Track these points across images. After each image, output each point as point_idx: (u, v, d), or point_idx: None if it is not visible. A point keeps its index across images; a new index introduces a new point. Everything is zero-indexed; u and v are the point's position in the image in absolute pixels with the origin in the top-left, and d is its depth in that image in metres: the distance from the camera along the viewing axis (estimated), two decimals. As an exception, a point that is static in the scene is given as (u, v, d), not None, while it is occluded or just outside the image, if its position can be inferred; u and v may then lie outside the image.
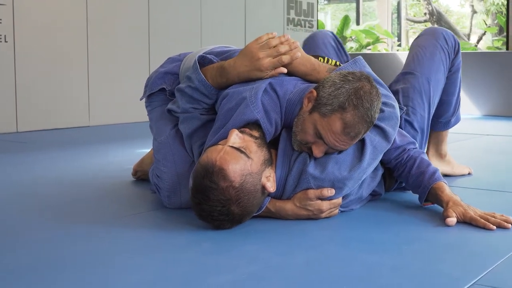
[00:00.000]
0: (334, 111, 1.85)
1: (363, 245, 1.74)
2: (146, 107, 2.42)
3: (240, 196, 1.77)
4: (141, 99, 2.45)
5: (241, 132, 1.90)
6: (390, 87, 2.45)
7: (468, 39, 16.75)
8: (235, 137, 1.85)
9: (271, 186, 1.87)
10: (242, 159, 1.79)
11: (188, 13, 6.15)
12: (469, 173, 2.85)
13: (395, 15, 16.46)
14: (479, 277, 1.47)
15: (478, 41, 16.30)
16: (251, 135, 1.90)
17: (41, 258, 1.64)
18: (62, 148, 4.05)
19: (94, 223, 2.01)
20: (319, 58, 2.15)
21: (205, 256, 1.66)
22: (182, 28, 6.09)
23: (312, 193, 1.93)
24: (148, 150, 3.78)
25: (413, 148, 2.16)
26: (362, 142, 1.96)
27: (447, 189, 2.02)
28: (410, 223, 1.98)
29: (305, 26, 7.43)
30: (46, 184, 2.71)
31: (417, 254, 1.67)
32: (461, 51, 2.64)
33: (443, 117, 2.69)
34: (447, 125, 2.74)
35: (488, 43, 15.64)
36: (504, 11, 15.42)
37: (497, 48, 12.37)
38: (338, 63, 2.14)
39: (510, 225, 1.85)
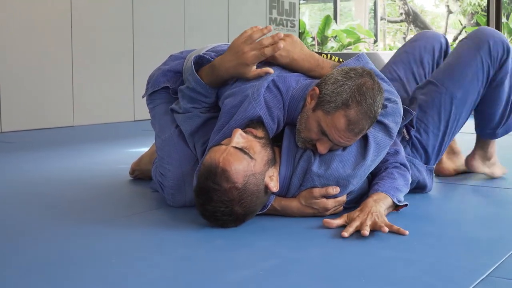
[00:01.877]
0: (338, 108, 1.87)
1: (373, 240, 1.76)
2: (148, 104, 2.42)
3: (243, 197, 1.79)
4: (143, 97, 2.45)
5: (245, 132, 1.91)
6: (414, 90, 2.43)
7: (444, 39, 16.93)
8: (239, 137, 1.86)
9: (274, 186, 1.88)
10: (245, 159, 1.80)
11: (172, 12, 6.14)
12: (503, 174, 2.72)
13: (371, 14, 16.58)
14: (492, 269, 1.51)
15: (454, 41, 16.49)
16: (255, 136, 1.91)
17: (54, 257, 1.64)
18: (49, 148, 4.02)
19: (99, 223, 2.00)
20: (322, 54, 2.17)
21: (220, 253, 1.67)
22: (166, 27, 6.08)
23: (317, 191, 1.94)
24: (141, 149, 3.80)
25: (393, 162, 2.10)
26: (366, 139, 1.96)
27: (376, 198, 1.92)
28: (416, 219, 2.01)
29: (287, 26, 7.46)
30: (41, 184, 2.70)
31: (427, 248, 1.70)
32: None
33: (486, 127, 2.53)
34: (493, 135, 2.56)
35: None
36: (480, 11, 15.65)
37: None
38: (341, 59, 2.15)
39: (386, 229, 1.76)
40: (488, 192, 2.50)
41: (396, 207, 2.01)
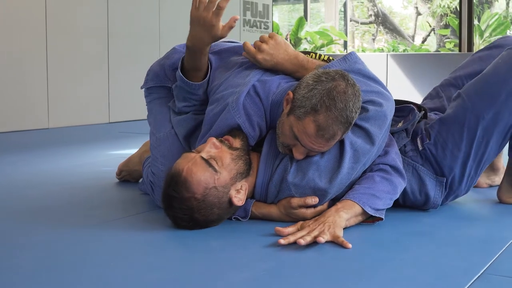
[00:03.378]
0: (307, 113, 1.82)
1: (368, 241, 1.79)
2: (146, 97, 2.41)
3: (202, 207, 1.82)
4: (141, 88, 2.43)
5: (221, 141, 1.92)
6: (445, 89, 2.31)
7: (413, 40, 17.15)
8: (211, 147, 1.88)
9: (239, 200, 1.88)
10: (208, 172, 1.82)
11: (146, 15, 6.12)
12: None
13: (340, 16, 16.70)
14: (486, 267, 1.55)
15: (422, 42, 16.70)
16: (230, 146, 1.91)
17: (50, 260, 1.63)
18: (27, 150, 3.96)
19: (92, 225, 1.99)
20: (311, 54, 2.14)
21: (217, 254, 1.68)
22: (141, 30, 6.06)
23: (295, 202, 1.90)
24: (121, 152, 3.79)
25: (380, 163, 1.98)
26: (343, 146, 1.89)
27: (340, 207, 1.85)
28: (407, 219, 2.03)
29: (260, 28, 7.49)
30: (25, 188, 2.67)
31: (420, 248, 1.74)
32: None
33: None
34: None
35: (432, 44, 16.05)
36: (449, 13, 15.88)
37: (450, 49, 12.72)
38: (331, 58, 2.11)
39: (302, 241, 1.69)
40: (478, 191, 2.50)
41: (371, 216, 1.90)
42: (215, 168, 1.83)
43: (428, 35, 17.08)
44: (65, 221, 2.05)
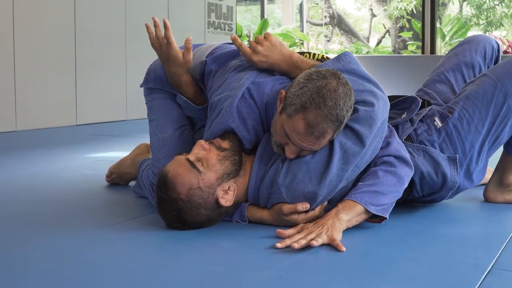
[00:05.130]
0: (297, 111, 1.83)
1: (373, 240, 1.86)
2: (145, 95, 2.43)
3: (188, 207, 1.87)
4: (141, 86, 2.44)
5: (210, 143, 1.97)
6: (465, 85, 2.26)
7: (368, 41, 17.39)
8: (200, 149, 1.94)
9: (226, 201, 1.91)
10: (191, 173, 1.87)
11: (113, 16, 6.08)
12: None
13: (296, 17, 16.83)
14: (493, 262, 1.63)
15: (377, 44, 16.96)
16: (219, 147, 1.95)
17: (55, 266, 1.64)
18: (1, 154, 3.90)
19: (93, 230, 1.99)
20: (305, 54, 2.16)
21: (231, 255, 1.72)
22: (107, 31, 6.02)
23: (287, 208, 1.91)
24: (100, 155, 3.78)
25: (382, 155, 1.98)
26: (332, 147, 1.89)
27: (340, 208, 1.86)
28: (407, 221, 2.08)
29: (224, 29, 7.52)
30: (12, 192, 2.64)
31: (424, 246, 1.81)
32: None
33: None
34: None
35: (387, 45, 16.30)
36: (406, 16, 16.16)
37: (412, 52, 12.95)
38: (325, 56, 2.13)
39: (296, 245, 1.72)
40: (477, 189, 2.52)
41: (375, 215, 1.90)
42: (199, 169, 1.88)
43: (383, 36, 17.36)
44: (66, 226, 2.04)
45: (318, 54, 2.15)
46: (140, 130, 5.41)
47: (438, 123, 2.14)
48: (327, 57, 2.12)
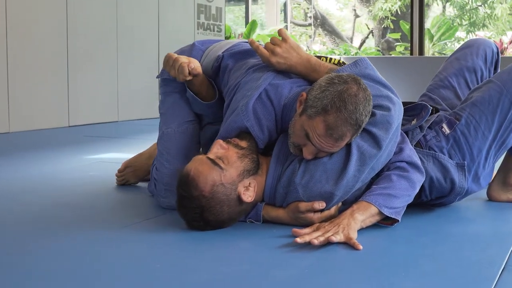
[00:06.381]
0: (318, 113, 1.89)
1: (386, 239, 1.91)
2: (160, 87, 2.46)
3: (212, 205, 1.90)
4: (157, 77, 2.47)
5: (227, 142, 2.02)
6: (471, 91, 2.31)
7: (351, 42, 17.50)
8: (218, 148, 1.99)
9: (248, 196, 1.96)
10: (214, 170, 1.91)
11: (104, 17, 6.09)
12: None
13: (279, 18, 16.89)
14: (506, 259, 1.69)
15: (361, 44, 17.07)
16: (236, 145, 2.01)
17: (77, 268, 1.67)
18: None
19: (111, 231, 2.02)
20: (322, 58, 2.20)
21: (251, 254, 1.76)
22: (99, 31, 6.03)
23: (303, 206, 1.95)
24: (101, 156, 3.79)
25: (396, 161, 2.03)
26: (350, 149, 1.94)
27: (355, 208, 1.92)
28: (416, 221, 2.13)
29: (214, 30, 7.55)
30: (21, 193, 2.65)
31: (436, 244, 1.88)
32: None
33: None
34: None
35: (369, 46, 16.41)
36: (391, 17, 16.29)
37: (401, 53, 13.06)
38: (341, 61, 2.17)
39: (316, 241, 1.78)
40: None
41: (387, 217, 1.95)
42: (221, 166, 1.92)
43: (367, 37, 17.48)
44: (82, 228, 2.06)
45: (335, 59, 2.19)
46: (132, 132, 5.44)
47: (446, 129, 2.20)
48: (343, 61, 2.17)
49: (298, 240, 1.78)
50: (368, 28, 17.49)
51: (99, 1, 6.03)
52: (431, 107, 2.25)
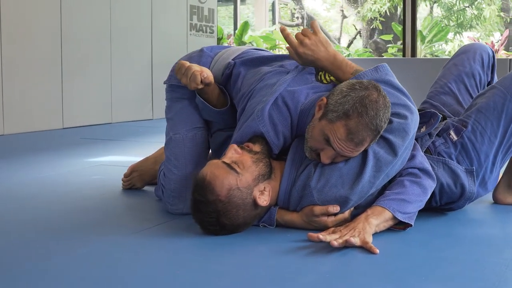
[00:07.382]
0: (339, 118, 1.91)
1: (401, 242, 1.93)
2: (166, 92, 2.44)
3: (228, 209, 1.92)
4: (164, 83, 2.45)
5: (241, 148, 2.03)
6: (475, 98, 2.36)
7: (339, 42, 17.56)
8: (233, 152, 2.00)
9: (264, 200, 1.98)
10: (230, 174, 1.93)
11: (98, 19, 6.08)
12: None
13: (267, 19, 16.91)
14: (519, 262, 1.72)
15: (348, 45, 17.13)
16: (251, 150, 2.02)
17: (95, 274, 1.68)
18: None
19: (122, 236, 2.02)
20: None
21: (271, 260, 1.77)
22: (92, 34, 6.02)
23: (318, 209, 1.97)
24: (101, 159, 3.78)
25: (408, 167, 2.06)
26: (366, 154, 1.97)
27: (370, 213, 1.95)
28: (427, 224, 2.14)
29: (206, 32, 7.55)
30: (22, 199, 2.63)
31: (451, 247, 1.90)
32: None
33: None
34: None
35: (357, 47, 16.48)
36: (379, 17, 16.37)
37: (393, 54, 13.12)
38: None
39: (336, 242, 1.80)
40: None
41: (400, 222, 1.98)
42: (237, 170, 1.93)
43: (354, 37, 17.55)
44: (94, 233, 2.06)
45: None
46: (127, 134, 5.43)
47: (453, 136, 2.24)
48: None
49: (321, 236, 1.80)
50: (356, 29, 17.55)
51: (93, 3, 6.03)
52: (441, 115, 2.29)
